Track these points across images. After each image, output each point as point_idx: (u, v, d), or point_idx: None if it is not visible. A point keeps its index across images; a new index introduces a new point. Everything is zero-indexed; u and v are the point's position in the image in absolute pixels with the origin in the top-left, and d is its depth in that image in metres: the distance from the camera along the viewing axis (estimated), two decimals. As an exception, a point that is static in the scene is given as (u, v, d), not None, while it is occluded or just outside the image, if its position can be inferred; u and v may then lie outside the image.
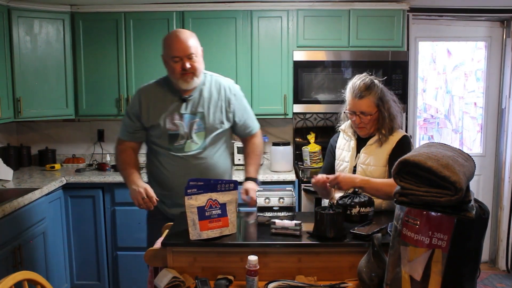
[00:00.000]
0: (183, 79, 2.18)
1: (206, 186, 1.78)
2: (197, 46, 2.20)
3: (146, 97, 2.28)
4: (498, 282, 3.77)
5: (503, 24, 3.97)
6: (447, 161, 1.32)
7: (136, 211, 3.40)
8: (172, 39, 2.19)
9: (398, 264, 1.39)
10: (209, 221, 1.78)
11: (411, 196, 1.34)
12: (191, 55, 2.16)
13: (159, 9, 3.54)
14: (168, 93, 2.27)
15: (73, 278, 3.50)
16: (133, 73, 3.61)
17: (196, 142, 2.25)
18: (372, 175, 2.13)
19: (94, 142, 4.05)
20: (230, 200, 1.84)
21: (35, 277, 1.62)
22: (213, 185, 1.80)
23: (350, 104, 2.18)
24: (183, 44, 2.15)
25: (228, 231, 1.84)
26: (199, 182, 1.81)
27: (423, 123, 4.18)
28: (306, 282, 1.68)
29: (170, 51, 2.18)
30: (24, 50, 3.41)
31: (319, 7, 3.52)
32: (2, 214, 2.55)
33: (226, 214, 1.82)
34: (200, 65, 2.21)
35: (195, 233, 1.76)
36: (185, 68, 2.15)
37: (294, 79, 3.54)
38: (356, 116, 2.16)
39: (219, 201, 1.81)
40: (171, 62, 2.18)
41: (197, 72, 2.20)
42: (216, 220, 1.80)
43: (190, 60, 2.16)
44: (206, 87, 2.29)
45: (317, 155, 3.68)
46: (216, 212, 1.80)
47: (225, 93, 2.30)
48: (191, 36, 2.20)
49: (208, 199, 1.78)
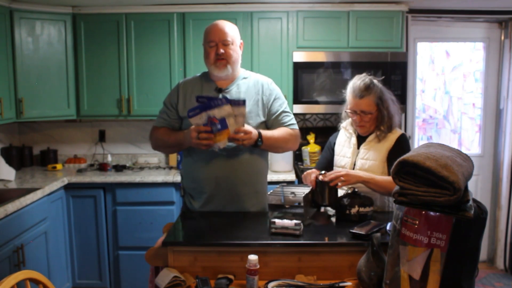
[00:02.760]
0: (215, 65, 2.19)
1: (202, 106, 2.01)
2: (234, 36, 2.22)
3: (184, 88, 2.30)
4: (496, 281, 3.79)
5: (501, 25, 3.98)
6: (446, 161, 1.33)
7: (137, 211, 3.43)
8: (211, 25, 2.23)
9: (397, 264, 1.40)
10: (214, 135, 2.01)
11: (410, 196, 1.35)
12: (227, 41, 2.18)
13: (160, 10, 3.56)
14: (206, 85, 2.28)
15: (74, 277, 3.51)
16: (134, 73, 3.63)
17: None
18: (371, 169, 2.20)
19: (96, 142, 4.06)
20: (227, 114, 2.00)
21: (37, 276, 1.63)
22: (208, 104, 2.01)
23: (351, 103, 2.24)
24: (220, 30, 2.18)
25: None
26: (197, 110, 2.03)
27: (422, 124, 4.19)
28: (306, 281, 1.68)
29: (207, 37, 2.21)
30: (26, 51, 3.42)
31: (319, 8, 3.54)
32: (5, 214, 2.56)
33: (226, 127, 2.00)
34: (235, 54, 2.21)
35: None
36: (219, 53, 2.17)
37: (294, 79, 3.56)
38: (357, 115, 2.23)
39: (217, 117, 1.99)
40: (207, 48, 2.21)
41: (230, 60, 2.20)
42: (219, 134, 2.00)
43: (225, 47, 2.18)
44: (244, 82, 2.29)
45: (316, 155, 3.69)
46: (217, 127, 2.00)
47: (263, 88, 2.29)
48: (230, 26, 2.23)
49: (207, 116, 2.00)
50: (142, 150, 4.06)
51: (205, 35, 2.24)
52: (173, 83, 3.58)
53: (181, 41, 3.58)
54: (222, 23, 2.22)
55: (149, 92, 3.64)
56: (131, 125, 4.04)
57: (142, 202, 3.44)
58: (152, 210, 3.44)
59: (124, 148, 4.06)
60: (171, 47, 3.58)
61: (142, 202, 3.44)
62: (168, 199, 3.45)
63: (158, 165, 3.93)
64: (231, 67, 2.22)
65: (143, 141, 4.04)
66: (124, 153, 4.06)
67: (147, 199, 3.44)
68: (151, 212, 3.43)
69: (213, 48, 2.19)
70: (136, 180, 3.43)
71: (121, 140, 4.06)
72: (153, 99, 3.62)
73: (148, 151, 4.03)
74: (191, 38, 3.56)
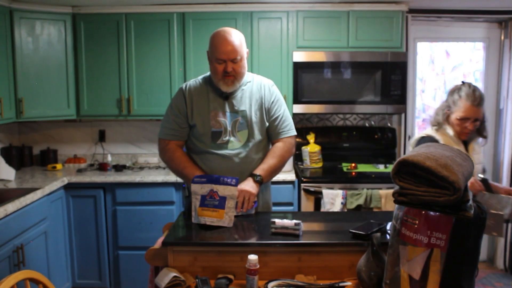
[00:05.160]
0: (223, 81, 2.16)
1: (210, 178, 2.03)
2: (242, 50, 2.16)
3: (190, 94, 2.25)
4: (496, 281, 3.79)
5: (501, 25, 3.99)
6: (446, 161, 1.33)
7: (137, 211, 3.43)
8: (219, 40, 2.13)
9: (397, 263, 1.40)
10: (206, 208, 1.99)
11: (410, 195, 1.35)
12: (236, 59, 2.13)
13: (159, 10, 3.56)
14: (211, 91, 2.24)
15: (74, 277, 3.51)
16: (134, 73, 3.62)
17: (239, 141, 2.22)
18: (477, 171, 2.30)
19: (96, 142, 4.06)
20: (231, 196, 1.97)
21: (37, 276, 1.63)
22: (216, 179, 2.02)
23: (467, 111, 2.30)
24: (230, 47, 2.11)
25: (223, 224, 1.96)
26: (203, 179, 2.06)
27: (422, 124, 4.19)
28: (305, 281, 1.68)
29: (215, 52, 2.13)
30: (26, 51, 3.42)
31: (319, 8, 3.54)
32: (4, 213, 2.56)
33: (223, 207, 1.96)
34: (243, 70, 2.18)
35: (195, 217, 2.01)
36: (228, 71, 2.13)
37: (294, 79, 3.55)
38: (471, 123, 2.31)
39: (219, 194, 1.97)
40: (214, 63, 2.15)
41: (238, 77, 2.17)
42: (212, 210, 1.98)
43: (233, 64, 2.13)
44: (248, 87, 2.27)
45: (316, 155, 3.69)
46: (213, 203, 1.98)
47: (264, 91, 2.27)
48: (238, 39, 2.15)
49: (210, 189, 2.00)
50: (142, 150, 4.06)
51: (213, 49, 2.16)
52: (173, 83, 3.59)
53: (181, 41, 3.58)
54: (230, 38, 2.12)
55: (149, 92, 3.64)
56: (131, 125, 4.04)
57: (142, 202, 3.44)
58: (152, 210, 3.43)
59: (124, 148, 4.06)
60: (171, 47, 3.58)
61: (142, 202, 3.44)
62: (168, 199, 3.44)
63: (158, 165, 3.93)
64: (238, 83, 2.19)
65: (143, 141, 4.04)
66: (124, 153, 4.06)
67: (147, 199, 3.44)
68: (151, 212, 3.43)
69: (222, 65, 2.14)
70: (136, 180, 3.43)
71: (121, 140, 4.06)
72: (153, 99, 3.63)
73: (148, 151, 4.03)
74: (191, 38, 3.56)
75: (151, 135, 4.01)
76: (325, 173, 3.56)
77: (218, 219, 1.96)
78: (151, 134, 4.01)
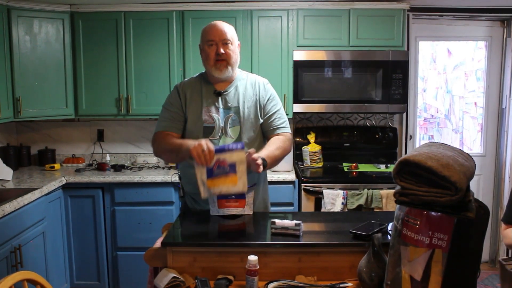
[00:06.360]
0: (216, 66, 2.18)
1: (214, 149, 1.90)
2: (233, 36, 2.21)
3: (183, 90, 2.28)
4: (498, 282, 3.77)
5: (503, 24, 3.97)
6: (448, 161, 1.32)
7: (136, 211, 3.42)
8: (209, 25, 2.22)
9: (398, 264, 1.39)
10: (217, 178, 1.90)
11: (411, 196, 1.35)
12: (227, 40, 2.17)
13: (159, 8, 3.54)
14: (205, 87, 2.27)
15: (72, 278, 3.49)
16: (133, 72, 3.61)
17: (231, 137, 2.22)
18: None
19: (94, 142, 4.05)
20: (240, 160, 1.90)
21: (35, 277, 1.62)
22: (221, 148, 1.92)
23: None
24: (220, 29, 2.17)
25: (238, 189, 1.91)
26: None
27: (423, 123, 4.18)
28: (306, 282, 1.67)
29: (205, 35, 2.20)
30: (23, 49, 3.41)
31: (319, 6, 3.52)
32: (2, 214, 2.55)
33: (235, 171, 1.89)
34: (234, 55, 2.21)
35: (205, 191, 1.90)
36: (219, 53, 2.16)
37: (294, 78, 3.54)
38: None
39: (228, 161, 1.90)
40: (206, 47, 2.19)
41: (230, 61, 2.19)
42: (224, 177, 1.90)
43: (224, 46, 2.17)
44: (242, 84, 2.29)
45: (317, 155, 3.67)
46: (224, 170, 1.89)
47: (259, 89, 2.29)
48: (229, 26, 2.23)
49: (216, 159, 1.89)
50: (141, 149, 4.04)
51: (203, 34, 2.23)
52: (172, 82, 3.57)
53: (180, 40, 3.56)
54: (220, 23, 2.21)
55: (148, 92, 3.62)
56: (130, 125, 4.02)
57: (141, 202, 3.43)
58: (151, 210, 3.42)
59: (123, 148, 4.05)
60: (170, 46, 3.57)
61: (141, 202, 3.43)
62: (167, 199, 3.43)
63: (157, 164, 3.91)
64: (231, 68, 2.21)
65: (142, 140, 4.02)
66: (123, 153, 4.04)
67: (146, 199, 3.42)
68: (150, 212, 3.42)
69: (213, 47, 2.17)
70: (135, 180, 3.41)
71: (119, 139, 4.04)
72: (152, 98, 3.61)
73: (147, 150, 4.01)
74: (190, 36, 3.54)
75: (150, 134, 3.95)
76: (325, 173, 3.55)
77: (233, 185, 1.90)
78: (150, 133, 3.98)
